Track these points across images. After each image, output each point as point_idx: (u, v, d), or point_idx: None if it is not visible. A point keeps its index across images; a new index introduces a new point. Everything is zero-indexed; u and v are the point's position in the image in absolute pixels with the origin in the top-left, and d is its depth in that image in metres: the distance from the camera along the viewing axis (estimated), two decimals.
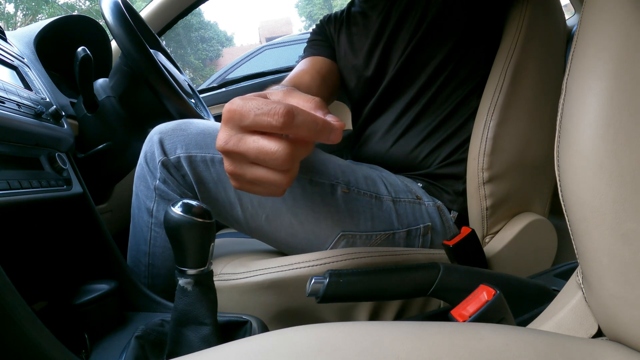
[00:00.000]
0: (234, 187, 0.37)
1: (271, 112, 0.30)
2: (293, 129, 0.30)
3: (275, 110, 0.30)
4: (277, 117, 0.30)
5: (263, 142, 0.31)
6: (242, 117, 0.31)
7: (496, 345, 0.23)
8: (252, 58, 3.67)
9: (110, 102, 0.81)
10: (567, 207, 0.28)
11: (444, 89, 0.70)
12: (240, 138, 0.32)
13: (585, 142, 0.25)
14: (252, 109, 0.31)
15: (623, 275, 0.24)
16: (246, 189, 0.37)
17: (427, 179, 0.71)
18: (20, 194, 0.47)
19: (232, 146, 0.32)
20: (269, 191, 0.36)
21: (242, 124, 0.32)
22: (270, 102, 0.31)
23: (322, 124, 0.31)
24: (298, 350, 0.22)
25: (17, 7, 12.04)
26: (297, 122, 0.30)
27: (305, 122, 0.31)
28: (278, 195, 0.37)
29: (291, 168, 0.33)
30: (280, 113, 0.30)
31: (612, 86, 0.24)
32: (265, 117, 0.30)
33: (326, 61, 0.83)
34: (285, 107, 0.30)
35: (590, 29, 0.27)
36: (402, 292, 0.46)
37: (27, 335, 0.36)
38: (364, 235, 0.60)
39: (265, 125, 0.31)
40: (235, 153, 0.33)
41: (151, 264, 0.61)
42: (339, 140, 0.33)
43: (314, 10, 22.39)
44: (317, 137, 0.32)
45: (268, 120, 0.30)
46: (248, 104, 0.31)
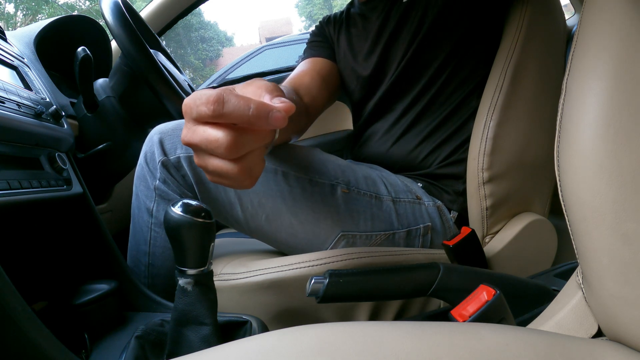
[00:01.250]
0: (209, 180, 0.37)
1: (205, 101, 0.30)
2: (225, 115, 0.30)
3: (208, 98, 0.30)
4: (209, 104, 0.30)
5: (208, 132, 0.31)
6: (190, 109, 0.31)
7: (496, 345, 0.23)
8: (252, 58, 3.67)
9: (110, 102, 0.81)
10: (567, 207, 0.28)
11: (444, 90, 0.70)
12: (193, 130, 0.32)
13: (585, 142, 0.25)
14: (195, 100, 0.31)
15: (623, 275, 0.24)
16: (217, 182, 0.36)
17: (427, 179, 0.71)
18: (20, 194, 0.47)
19: (188, 139, 0.32)
20: (232, 183, 0.35)
21: (191, 116, 0.32)
22: (209, 91, 0.31)
23: (256, 107, 0.30)
24: (298, 350, 0.22)
25: (17, 7, 12.04)
26: (228, 108, 0.30)
27: (237, 107, 0.30)
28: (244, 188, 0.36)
29: (240, 156, 0.32)
30: (211, 100, 0.30)
31: (612, 86, 0.24)
32: (202, 107, 0.30)
33: (326, 62, 0.83)
34: (216, 94, 0.30)
35: (590, 29, 0.27)
36: (402, 292, 0.46)
37: (27, 335, 0.36)
38: (364, 236, 0.60)
39: (202, 114, 0.30)
40: (192, 145, 0.33)
41: (151, 264, 0.61)
42: (281, 125, 0.31)
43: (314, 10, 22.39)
44: (253, 122, 0.30)
45: (203, 109, 0.30)
46: (193, 96, 0.31)
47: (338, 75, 0.84)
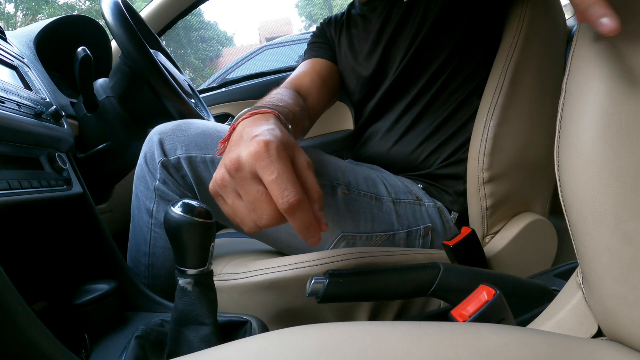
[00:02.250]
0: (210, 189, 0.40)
1: (284, 192, 0.33)
2: (288, 216, 0.34)
3: (289, 194, 0.33)
4: (285, 201, 0.33)
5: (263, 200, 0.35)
6: (265, 170, 0.34)
7: (496, 345, 0.23)
8: (252, 58, 3.67)
9: (110, 102, 0.81)
10: (567, 207, 0.28)
11: (445, 89, 0.70)
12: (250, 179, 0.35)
13: (585, 142, 0.25)
14: (276, 172, 0.34)
15: (623, 275, 0.24)
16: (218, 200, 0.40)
17: (427, 180, 0.71)
18: (20, 194, 0.47)
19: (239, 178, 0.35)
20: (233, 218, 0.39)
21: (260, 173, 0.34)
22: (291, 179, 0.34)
23: (312, 228, 0.35)
24: (298, 350, 0.22)
25: (17, 7, 12.03)
26: (295, 216, 0.34)
27: (301, 220, 0.34)
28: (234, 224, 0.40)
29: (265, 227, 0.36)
30: (289, 201, 0.33)
31: (612, 86, 0.24)
32: (278, 190, 0.33)
33: (327, 63, 0.83)
34: (297, 199, 0.33)
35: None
36: (402, 292, 0.46)
37: (27, 335, 0.35)
38: (364, 236, 0.59)
39: (274, 194, 0.34)
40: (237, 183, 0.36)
41: (151, 264, 0.61)
42: (315, 244, 0.37)
43: (314, 10, 22.38)
44: (302, 234, 0.35)
45: (277, 195, 0.33)
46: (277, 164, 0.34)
47: (338, 77, 0.84)
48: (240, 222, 0.38)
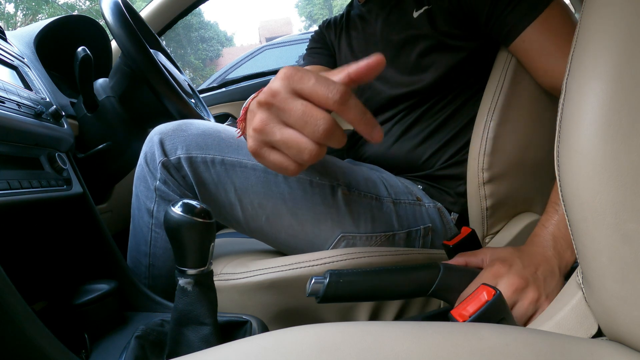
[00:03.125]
0: (250, 148, 0.37)
1: (330, 87, 0.31)
2: (345, 108, 0.32)
3: (335, 86, 0.31)
4: (335, 91, 0.31)
5: (312, 108, 0.32)
6: (302, 80, 0.32)
7: (496, 345, 0.23)
8: (252, 58, 3.67)
9: (110, 102, 0.81)
10: (567, 207, 0.28)
11: (446, 93, 0.70)
12: (290, 97, 0.33)
13: (585, 142, 0.25)
14: (313, 77, 0.32)
15: (623, 275, 0.24)
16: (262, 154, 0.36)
17: (427, 181, 0.71)
18: (20, 194, 0.47)
19: (279, 100, 0.33)
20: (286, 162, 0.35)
21: (297, 86, 0.32)
22: (329, 79, 0.32)
23: (369, 115, 0.33)
24: (298, 350, 0.22)
25: (17, 7, 12.04)
26: (351, 105, 0.32)
27: (358, 107, 0.32)
28: (290, 174, 0.37)
29: (324, 144, 0.34)
30: (339, 89, 0.31)
31: (612, 86, 0.24)
32: (323, 87, 0.31)
33: (325, 70, 0.82)
34: (345, 87, 0.32)
35: (590, 28, 0.27)
36: (402, 292, 0.46)
37: (27, 335, 0.36)
38: (364, 237, 0.59)
39: (321, 95, 0.32)
40: (278, 108, 0.33)
41: (152, 264, 0.61)
42: (380, 139, 0.34)
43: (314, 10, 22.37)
44: (363, 126, 0.33)
45: (325, 92, 0.31)
46: (310, 72, 0.33)
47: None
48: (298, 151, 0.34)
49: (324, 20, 0.91)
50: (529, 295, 0.42)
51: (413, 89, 0.70)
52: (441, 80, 0.68)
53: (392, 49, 0.72)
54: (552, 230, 0.48)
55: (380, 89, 0.75)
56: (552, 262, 0.45)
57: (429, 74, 0.68)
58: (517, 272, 0.44)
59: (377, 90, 0.76)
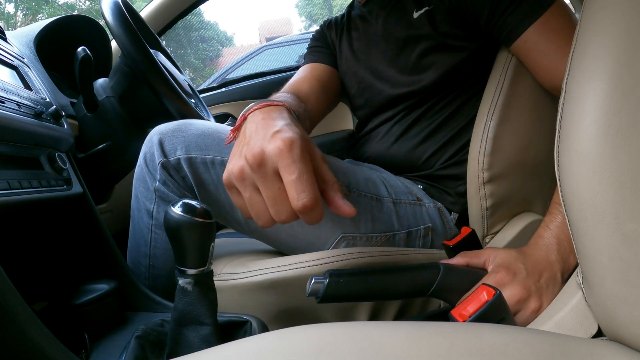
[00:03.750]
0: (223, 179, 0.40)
1: (301, 195, 0.34)
2: (303, 215, 0.35)
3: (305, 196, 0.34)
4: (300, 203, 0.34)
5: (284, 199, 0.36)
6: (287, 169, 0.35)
7: (496, 345, 0.23)
8: (252, 58, 3.67)
9: (110, 102, 0.81)
10: (567, 207, 0.28)
11: (446, 93, 0.70)
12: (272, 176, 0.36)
13: (585, 142, 0.25)
14: (296, 172, 0.35)
15: (623, 275, 0.24)
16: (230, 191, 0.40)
17: (428, 181, 0.71)
18: (20, 194, 0.47)
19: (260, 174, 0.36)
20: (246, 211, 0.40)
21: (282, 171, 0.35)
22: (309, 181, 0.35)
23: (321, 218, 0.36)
24: (298, 350, 0.22)
25: (17, 7, 12.04)
26: (309, 216, 0.35)
27: (313, 219, 0.35)
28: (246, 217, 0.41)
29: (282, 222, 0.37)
30: (303, 202, 0.34)
31: (612, 86, 0.24)
32: (295, 191, 0.34)
33: (326, 68, 0.82)
34: (312, 201, 0.34)
35: (590, 29, 0.27)
36: (402, 292, 0.46)
37: (27, 335, 0.36)
38: (364, 237, 0.59)
39: (291, 195, 0.35)
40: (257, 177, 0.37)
41: (152, 265, 0.61)
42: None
43: (314, 10, 22.37)
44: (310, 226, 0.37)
45: (294, 195, 0.34)
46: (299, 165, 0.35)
47: (338, 82, 0.84)
48: (255, 215, 0.38)
49: (325, 19, 0.91)
50: (530, 305, 0.42)
51: (413, 89, 0.70)
52: (441, 80, 0.68)
53: (393, 49, 0.72)
54: (556, 232, 0.48)
55: (380, 88, 0.75)
56: (555, 268, 0.45)
57: (429, 74, 0.68)
58: (521, 281, 0.44)
59: (377, 90, 0.76)
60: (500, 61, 0.65)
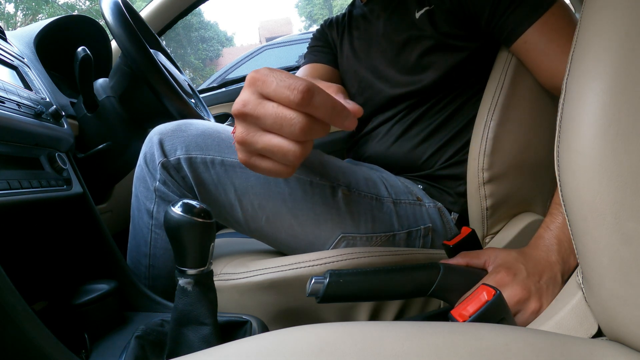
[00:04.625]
0: (241, 160, 0.37)
1: (291, 86, 0.31)
2: (310, 107, 0.31)
3: (295, 85, 0.30)
4: (296, 92, 0.30)
5: (282, 109, 0.32)
6: (265, 84, 0.32)
7: (496, 345, 0.23)
8: (252, 58, 3.67)
9: (110, 102, 0.81)
10: (567, 207, 0.28)
11: (447, 93, 0.70)
12: (259, 102, 0.32)
13: (585, 142, 0.25)
14: (275, 79, 0.31)
15: (623, 275, 0.24)
16: (252, 163, 0.36)
17: (428, 181, 0.71)
18: (20, 194, 0.47)
19: (250, 109, 0.33)
20: (277, 167, 0.35)
21: (263, 91, 0.32)
22: (292, 76, 0.32)
23: (339, 107, 0.32)
24: (298, 350, 0.23)
25: (17, 7, 12.04)
26: (315, 102, 0.31)
27: (323, 102, 0.31)
28: (284, 176, 0.37)
29: (305, 141, 0.33)
30: (299, 89, 0.30)
31: (612, 86, 0.24)
32: (285, 89, 0.31)
33: (326, 68, 0.82)
34: (305, 84, 0.31)
35: (590, 29, 0.27)
36: (402, 292, 0.46)
37: (27, 335, 0.36)
38: (364, 237, 0.59)
39: (283, 98, 0.31)
40: (251, 116, 0.33)
41: (152, 265, 0.61)
42: (353, 127, 0.33)
43: (314, 10, 22.37)
44: (333, 120, 0.32)
45: (287, 93, 0.31)
46: (272, 74, 0.32)
47: (339, 81, 0.84)
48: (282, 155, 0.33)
49: (326, 19, 0.91)
50: (530, 306, 0.42)
51: (413, 89, 0.70)
52: (441, 80, 0.68)
53: (394, 48, 0.72)
54: (557, 233, 0.48)
55: (380, 88, 0.75)
56: (556, 269, 0.45)
57: (429, 74, 0.68)
58: (521, 282, 0.44)
59: (377, 89, 0.76)
60: (500, 61, 0.65)
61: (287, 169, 0.36)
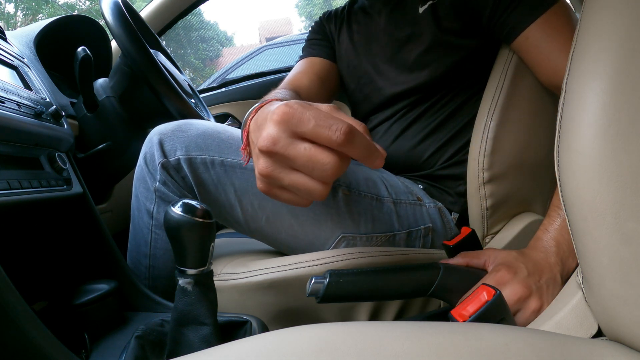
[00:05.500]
0: (260, 189, 0.36)
1: (333, 127, 0.30)
2: (349, 147, 0.31)
3: (338, 126, 0.30)
4: (339, 133, 0.30)
5: (316, 151, 0.31)
6: (301, 122, 0.31)
7: (496, 345, 0.23)
8: (252, 58, 3.67)
9: (110, 102, 0.81)
10: (567, 207, 0.28)
11: (447, 90, 0.70)
12: (292, 142, 0.32)
13: (585, 142, 0.25)
14: (312, 118, 0.31)
15: (623, 275, 0.24)
16: (274, 194, 0.36)
17: (428, 181, 0.71)
18: (20, 194, 0.47)
19: (281, 148, 0.32)
20: (298, 200, 0.36)
21: (298, 130, 0.31)
22: (330, 116, 0.31)
23: (373, 148, 0.32)
24: (298, 350, 0.22)
25: (17, 7, 12.04)
26: (355, 143, 0.31)
27: (362, 144, 0.31)
28: (304, 206, 0.37)
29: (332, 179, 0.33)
30: (342, 130, 0.30)
31: (612, 86, 0.24)
32: (325, 130, 0.30)
33: (325, 62, 0.82)
34: (347, 125, 0.30)
35: (590, 28, 0.27)
36: (402, 292, 0.46)
37: (27, 335, 0.36)
38: (365, 237, 0.59)
39: (323, 137, 0.30)
40: (281, 156, 0.32)
41: (152, 265, 0.61)
42: (381, 166, 0.34)
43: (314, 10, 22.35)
44: (366, 160, 0.32)
45: (328, 133, 0.30)
46: (308, 112, 0.31)
47: (337, 75, 0.84)
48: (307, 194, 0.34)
49: (325, 12, 0.91)
50: (531, 305, 0.42)
51: (413, 86, 0.70)
52: (441, 78, 0.68)
53: (394, 45, 0.72)
54: (555, 235, 0.48)
55: (380, 86, 0.75)
56: (555, 270, 0.45)
57: (428, 71, 0.68)
58: (522, 280, 0.44)
59: (377, 87, 0.76)
60: (500, 61, 0.65)
61: (308, 202, 0.36)
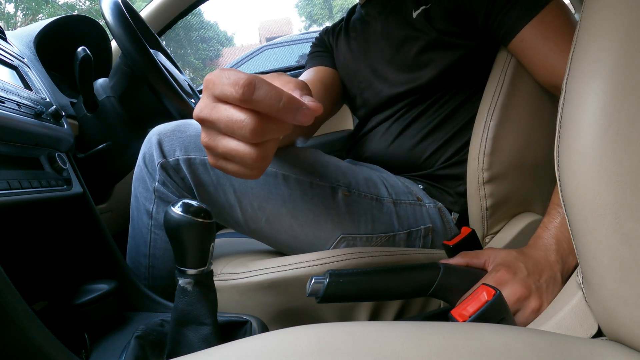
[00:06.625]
0: (211, 163, 0.36)
1: (233, 82, 0.29)
2: (253, 102, 0.29)
3: (237, 80, 0.29)
4: (237, 87, 0.29)
5: (232, 111, 0.30)
6: (214, 85, 0.31)
7: (496, 345, 0.23)
8: (252, 58, 3.68)
9: (110, 102, 0.81)
10: (567, 207, 0.28)
11: (445, 90, 0.70)
12: (213, 106, 0.31)
13: (585, 142, 0.25)
14: (222, 78, 0.30)
15: (623, 275, 0.24)
16: (220, 166, 0.35)
17: (428, 181, 0.71)
18: (20, 194, 0.47)
19: (206, 114, 0.32)
20: (241, 170, 0.34)
21: (214, 93, 0.31)
22: (239, 72, 0.30)
23: (286, 100, 0.30)
24: (298, 350, 0.22)
25: (17, 7, 12.04)
26: (258, 95, 0.29)
27: (267, 95, 0.29)
28: (251, 178, 0.35)
29: (262, 142, 0.32)
30: (240, 84, 0.29)
31: (612, 86, 0.24)
32: (228, 87, 0.29)
33: (329, 70, 0.83)
34: (247, 78, 0.29)
35: (590, 29, 0.27)
36: (402, 292, 0.46)
37: (27, 335, 0.36)
38: (365, 238, 0.59)
39: (228, 95, 0.30)
40: (207, 121, 0.32)
41: (152, 265, 0.61)
42: (308, 122, 0.31)
43: (314, 10, 22.36)
44: (281, 114, 0.30)
45: (230, 90, 0.29)
46: (222, 73, 0.30)
47: (340, 83, 0.84)
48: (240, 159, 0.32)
49: (324, 27, 0.92)
50: (531, 304, 0.42)
51: (411, 87, 0.70)
52: (440, 77, 0.68)
53: (392, 47, 0.73)
54: (555, 232, 0.48)
55: (379, 87, 0.75)
56: (555, 268, 0.45)
57: (427, 71, 0.68)
58: (521, 280, 0.44)
59: (376, 89, 0.76)
60: (499, 61, 0.65)
61: (251, 172, 0.34)
